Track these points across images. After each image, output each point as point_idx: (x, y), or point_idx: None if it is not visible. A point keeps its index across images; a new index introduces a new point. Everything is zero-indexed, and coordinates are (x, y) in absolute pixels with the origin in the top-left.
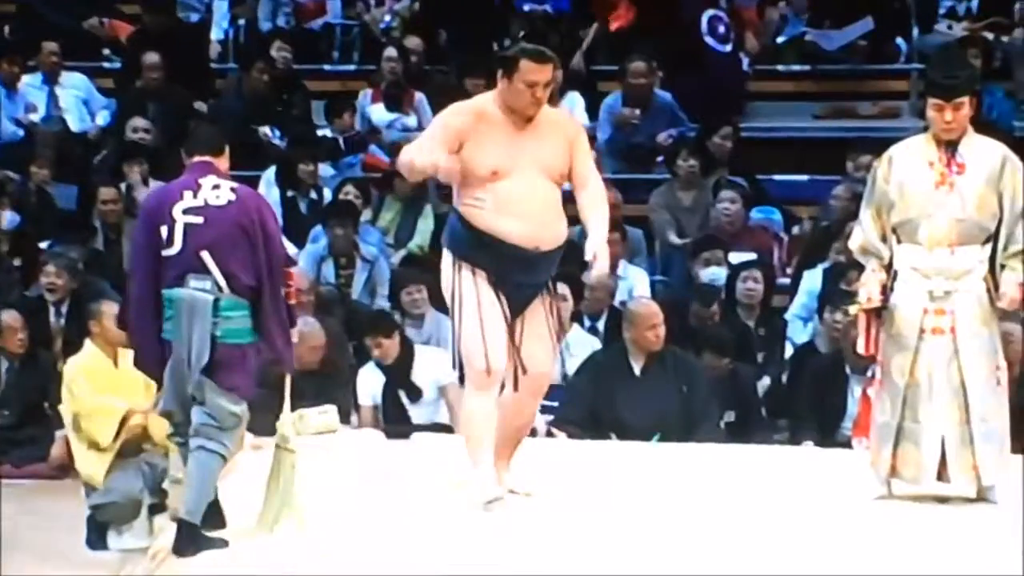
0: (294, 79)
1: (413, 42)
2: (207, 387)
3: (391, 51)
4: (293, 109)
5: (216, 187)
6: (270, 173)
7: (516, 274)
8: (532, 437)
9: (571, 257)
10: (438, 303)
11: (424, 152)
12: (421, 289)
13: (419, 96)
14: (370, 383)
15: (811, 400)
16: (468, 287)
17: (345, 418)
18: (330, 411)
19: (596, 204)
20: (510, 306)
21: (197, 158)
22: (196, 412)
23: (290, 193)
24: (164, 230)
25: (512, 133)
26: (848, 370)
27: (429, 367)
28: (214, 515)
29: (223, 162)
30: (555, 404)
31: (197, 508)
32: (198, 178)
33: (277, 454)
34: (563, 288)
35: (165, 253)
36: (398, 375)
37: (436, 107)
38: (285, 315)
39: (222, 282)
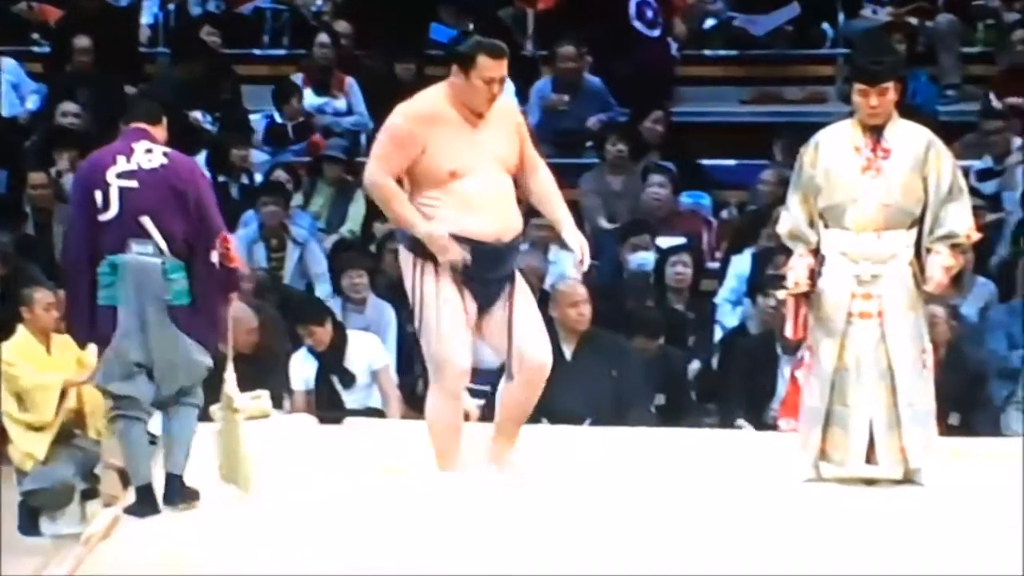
0: (224, 63)
1: (343, 26)
2: (187, 348)
3: (323, 37)
4: (223, 94)
5: (149, 151)
6: (201, 158)
7: (482, 270)
8: (466, 421)
9: None
10: (378, 289)
11: (402, 202)
12: (362, 274)
13: (349, 80)
14: (303, 368)
15: (742, 381)
16: (430, 288)
17: (278, 403)
18: (263, 396)
19: (552, 190)
20: (479, 301)
21: (133, 125)
22: (164, 376)
23: (222, 178)
24: (99, 195)
25: (467, 130)
26: (779, 351)
27: (362, 352)
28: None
29: (159, 132)
30: (487, 388)
31: (183, 461)
32: (131, 143)
33: (224, 415)
34: None
35: (101, 218)
36: (331, 361)
37: (367, 91)
38: (218, 278)
39: (163, 245)
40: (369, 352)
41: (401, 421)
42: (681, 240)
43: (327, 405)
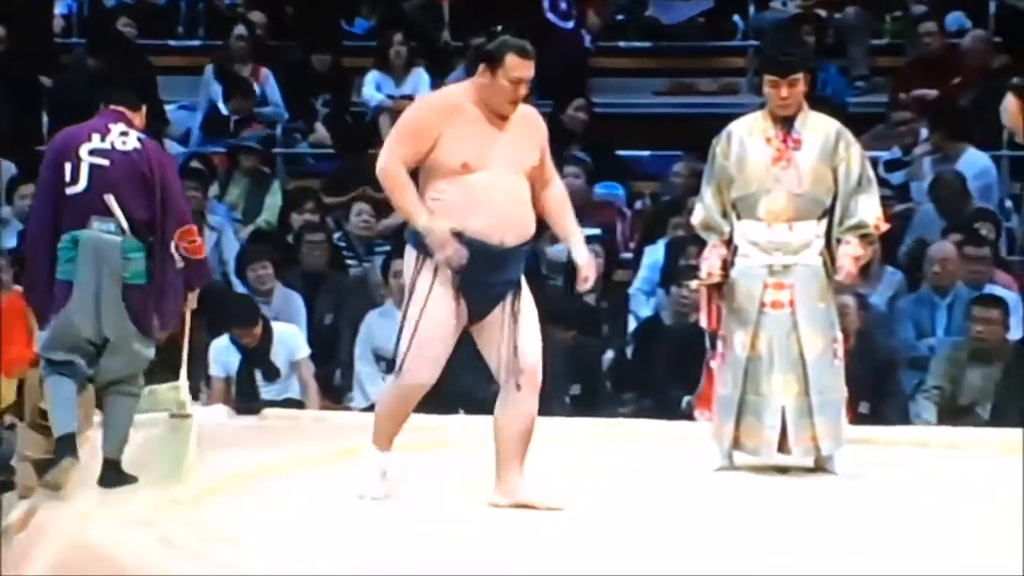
0: (139, 54)
1: (257, 17)
2: (131, 335)
3: (241, 29)
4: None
5: (125, 134)
6: None
7: (481, 273)
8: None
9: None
10: (290, 279)
11: (414, 199)
12: (266, 266)
13: (265, 71)
14: (223, 356)
15: (665, 372)
16: (423, 288)
17: (195, 394)
18: (180, 387)
19: (564, 205)
20: (477, 307)
21: (113, 107)
22: (107, 360)
23: None
24: (68, 168)
25: (487, 128)
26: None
27: (284, 345)
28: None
29: (137, 118)
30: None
31: (119, 446)
32: (109, 123)
33: (173, 422)
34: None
35: (69, 192)
36: (257, 356)
37: (282, 82)
38: (173, 268)
39: (125, 225)
40: (290, 343)
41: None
42: (595, 231)
43: (247, 396)
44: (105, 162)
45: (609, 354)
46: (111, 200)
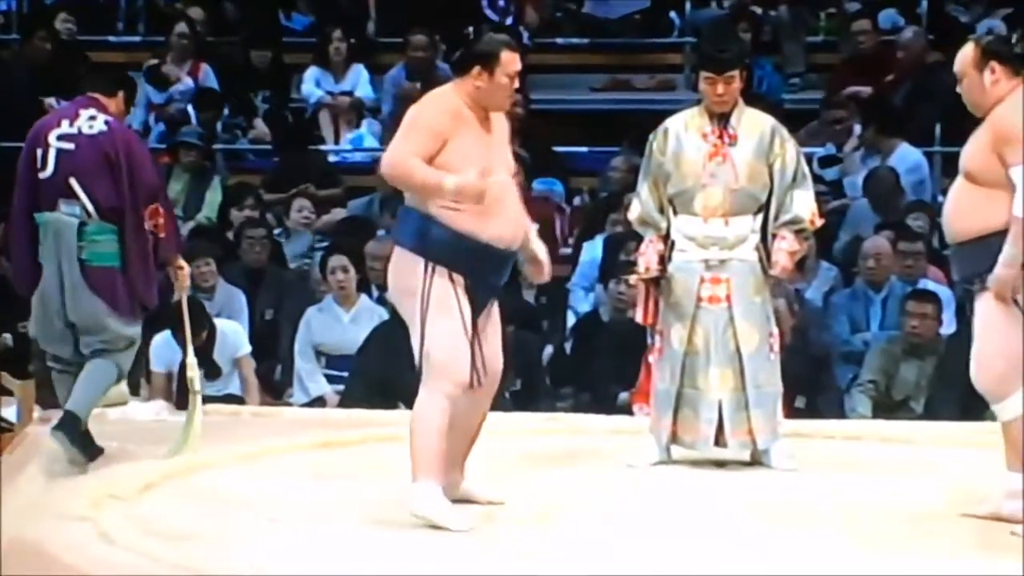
0: (78, 50)
1: (196, 13)
2: (99, 312)
3: (182, 27)
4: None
5: (92, 119)
6: None
7: (490, 275)
8: (323, 408)
9: (353, 228)
10: (231, 275)
11: (431, 173)
12: (209, 262)
13: (204, 67)
14: (165, 352)
15: (603, 367)
16: (445, 293)
17: (135, 390)
18: (121, 383)
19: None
20: (476, 308)
21: (87, 94)
22: (83, 338)
23: None
24: (39, 153)
25: (483, 133)
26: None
27: (226, 342)
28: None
29: (113, 103)
30: (345, 374)
31: (84, 407)
32: (79, 109)
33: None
34: (344, 259)
35: (41, 176)
36: (200, 355)
37: (222, 78)
38: (146, 246)
39: (90, 207)
40: (232, 341)
41: None
42: (534, 226)
43: (188, 392)
44: (71, 146)
45: (548, 349)
46: (75, 183)
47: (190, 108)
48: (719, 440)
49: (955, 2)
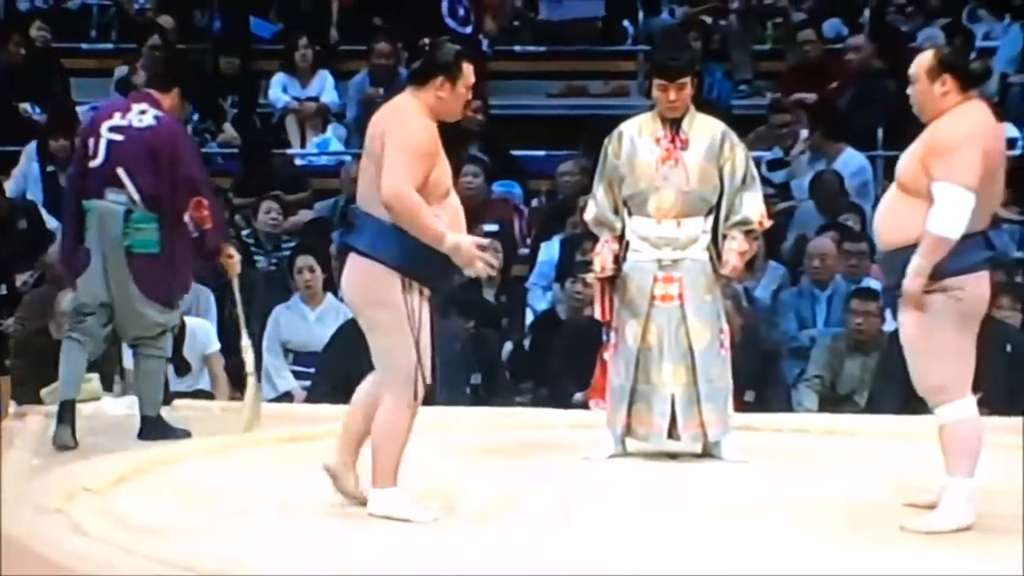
0: (51, 56)
1: (166, 21)
2: (135, 298)
3: (155, 39)
4: (52, 86)
5: (143, 112)
6: (31, 148)
7: (447, 286)
8: (290, 403)
9: (320, 229)
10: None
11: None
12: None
13: None
14: None
15: (561, 363)
16: (421, 308)
17: (109, 386)
18: (93, 379)
19: None
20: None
21: (145, 90)
22: (119, 320)
23: (50, 168)
24: (91, 143)
25: (441, 146)
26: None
27: (196, 340)
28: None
29: (166, 100)
30: (311, 370)
31: (154, 403)
32: (132, 103)
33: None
34: (310, 260)
35: (91, 165)
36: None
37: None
38: (185, 236)
39: (135, 196)
40: (202, 339)
41: None
42: (494, 227)
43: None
44: (120, 137)
45: (508, 346)
46: (122, 173)
47: None
48: (672, 433)
49: (896, 12)
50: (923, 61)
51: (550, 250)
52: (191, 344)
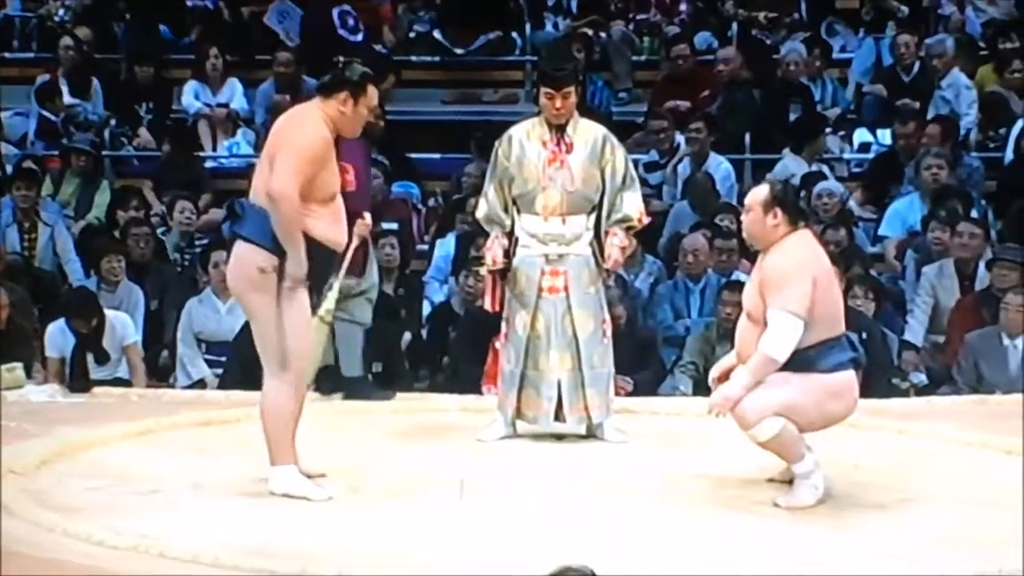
0: None
1: (84, 32)
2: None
3: (67, 40)
4: None
5: None
6: None
7: (326, 273)
8: (203, 389)
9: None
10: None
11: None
12: (120, 259)
13: (93, 81)
14: (58, 338)
15: (456, 351)
16: (294, 290)
17: (30, 373)
18: (17, 368)
19: None
20: (313, 302)
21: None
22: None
23: None
24: None
25: (333, 155)
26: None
27: (115, 330)
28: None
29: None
30: (223, 359)
31: (352, 367)
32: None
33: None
34: (223, 255)
35: None
36: (90, 341)
37: (108, 91)
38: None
39: None
40: (121, 330)
41: None
42: (393, 225)
43: (79, 376)
44: None
45: (407, 336)
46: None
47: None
48: (559, 416)
49: (761, 28)
50: (757, 195)
51: (446, 246)
52: (110, 335)
